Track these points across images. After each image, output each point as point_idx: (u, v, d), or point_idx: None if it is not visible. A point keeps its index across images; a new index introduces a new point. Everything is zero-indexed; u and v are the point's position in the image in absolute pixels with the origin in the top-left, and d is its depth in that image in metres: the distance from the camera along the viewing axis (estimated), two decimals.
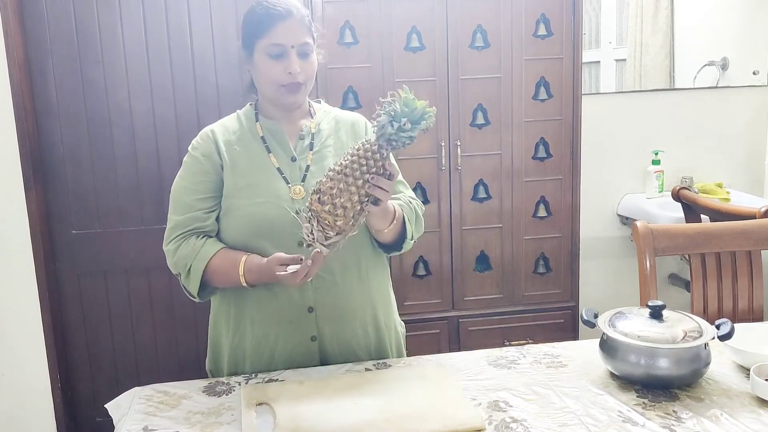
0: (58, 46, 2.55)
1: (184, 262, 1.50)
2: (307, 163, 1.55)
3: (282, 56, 1.48)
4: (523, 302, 2.75)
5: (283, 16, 1.48)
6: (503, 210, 2.69)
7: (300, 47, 1.49)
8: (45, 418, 2.68)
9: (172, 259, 1.54)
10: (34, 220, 2.55)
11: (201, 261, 1.48)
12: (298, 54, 1.49)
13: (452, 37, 2.55)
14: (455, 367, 1.48)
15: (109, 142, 2.64)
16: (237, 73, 2.68)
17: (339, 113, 1.66)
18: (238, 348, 1.56)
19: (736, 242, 1.87)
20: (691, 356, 1.33)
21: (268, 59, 1.49)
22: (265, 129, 1.57)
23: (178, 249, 1.52)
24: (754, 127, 3.27)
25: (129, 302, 2.75)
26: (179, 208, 1.55)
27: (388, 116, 1.27)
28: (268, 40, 1.48)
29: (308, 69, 1.52)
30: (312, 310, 1.53)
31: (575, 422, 1.24)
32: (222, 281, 1.50)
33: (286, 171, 1.54)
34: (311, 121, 1.60)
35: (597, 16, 3.27)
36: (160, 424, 1.29)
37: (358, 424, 1.23)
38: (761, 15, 3.25)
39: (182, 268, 1.51)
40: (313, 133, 1.58)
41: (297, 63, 1.49)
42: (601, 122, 3.10)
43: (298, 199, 1.50)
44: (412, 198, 1.63)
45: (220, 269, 1.48)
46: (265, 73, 1.51)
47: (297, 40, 1.49)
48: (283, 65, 1.48)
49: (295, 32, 1.49)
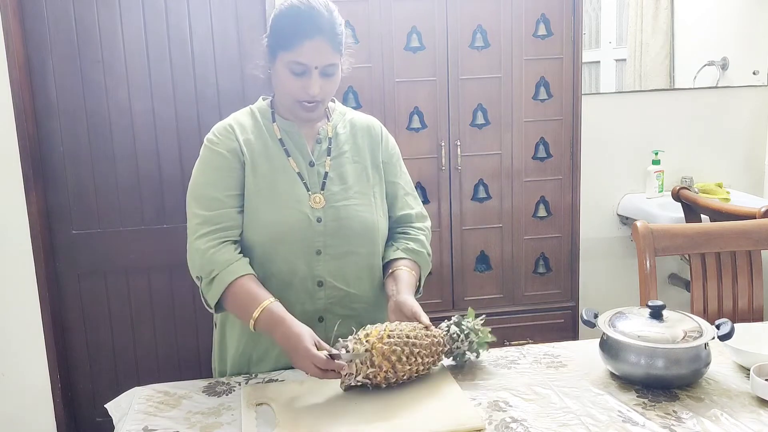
0: (58, 46, 2.55)
1: (212, 268, 1.42)
2: (325, 170, 1.53)
3: (304, 75, 1.42)
4: (523, 302, 2.75)
5: (311, 35, 1.40)
6: (503, 210, 2.69)
7: (324, 68, 1.43)
8: (45, 418, 2.68)
9: (201, 259, 1.44)
10: (34, 220, 2.55)
11: (230, 275, 1.41)
12: (321, 74, 1.43)
13: (452, 37, 2.55)
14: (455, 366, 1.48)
15: (109, 142, 2.64)
16: (237, 73, 2.68)
17: (354, 116, 1.63)
18: (244, 353, 1.55)
19: (736, 242, 1.87)
20: (691, 356, 1.33)
21: (288, 74, 1.43)
22: (283, 131, 1.53)
23: (211, 252, 1.43)
24: (754, 127, 3.27)
25: (129, 302, 2.75)
26: (207, 203, 1.47)
27: (463, 342, 1.45)
28: (291, 56, 1.41)
29: (329, 88, 1.47)
30: (322, 320, 1.53)
31: (575, 422, 1.24)
32: (234, 307, 1.44)
33: (306, 176, 1.51)
34: (328, 124, 1.57)
35: (597, 16, 3.27)
36: (160, 424, 1.29)
37: (358, 424, 1.23)
38: (761, 15, 3.25)
39: (207, 273, 1.43)
40: (330, 138, 1.56)
41: (318, 84, 1.43)
42: (601, 122, 3.09)
43: (318, 207, 1.49)
44: (428, 233, 1.63)
45: (238, 295, 1.41)
46: (284, 85, 1.46)
47: (322, 61, 1.42)
48: (304, 83, 1.43)
49: (322, 53, 1.42)
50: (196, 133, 2.64)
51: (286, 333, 1.35)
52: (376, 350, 1.29)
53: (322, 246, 1.49)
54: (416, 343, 1.34)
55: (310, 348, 1.30)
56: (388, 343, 1.31)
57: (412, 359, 1.33)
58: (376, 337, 1.31)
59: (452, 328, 1.45)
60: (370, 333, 1.32)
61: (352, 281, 1.53)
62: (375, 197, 1.56)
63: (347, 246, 1.51)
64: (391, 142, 1.65)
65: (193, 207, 1.49)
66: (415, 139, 2.59)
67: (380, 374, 1.30)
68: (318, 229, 1.49)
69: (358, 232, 1.52)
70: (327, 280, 1.50)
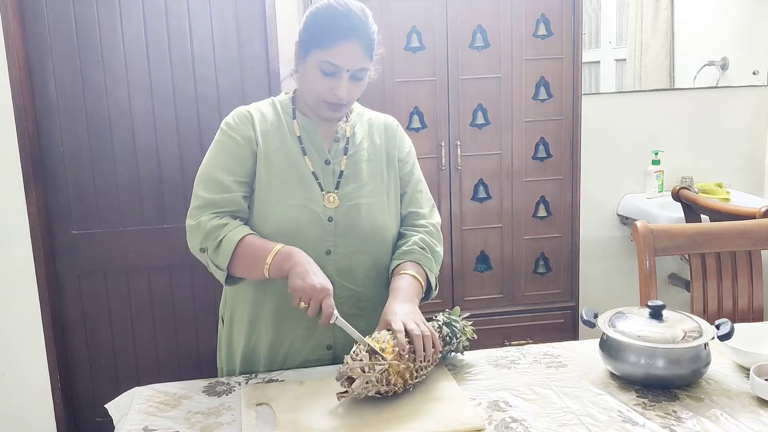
0: (58, 46, 2.55)
1: (217, 233, 1.41)
2: (341, 168, 1.52)
3: (334, 75, 1.42)
4: (523, 302, 2.75)
5: (347, 37, 1.40)
6: (503, 210, 2.69)
7: (355, 72, 1.43)
8: (45, 418, 2.68)
9: (203, 230, 1.42)
10: (34, 220, 2.55)
11: (237, 233, 1.41)
12: (351, 77, 1.43)
13: (452, 37, 2.55)
14: (455, 367, 1.48)
15: (109, 142, 2.64)
16: (237, 73, 2.68)
17: (371, 115, 1.63)
18: (252, 351, 1.55)
19: (736, 242, 1.87)
20: (691, 356, 1.33)
21: (319, 73, 1.42)
22: (302, 128, 1.53)
23: (213, 224, 1.42)
24: (754, 127, 3.27)
25: (129, 302, 2.75)
26: (214, 186, 1.46)
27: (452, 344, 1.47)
28: (324, 56, 1.40)
29: (356, 92, 1.47)
30: None
31: (575, 422, 1.24)
32: (245, 261, 1.42)
33: (320, 176, 1.51)
34: (347, 123, 1.57)
35: (597, 16, 3.27)
36: (160, 424, 1.29)
37: (358, 424, 1.23)
38: (761, 15, 3.25)
39: (213, 239, 1.41)
40: (348, 137, 1.55)
41: (346, 87, 1.43)
42: (601, 122, 3.10)
43: (331, 207, 1.49)
44: (432, 228, 1.60)
45: (249, 248, 1.40)
46: (312, 83, 1.45)
47: (354, 65, 1.42)
48: (332, 84, 1.42)
49: (354, 56, 1.41)
50: (196, 133, 2.64)
51: (302, 257, 1.37)
52: (393, 368, 1.28)
53: (332, 246, 1.49)
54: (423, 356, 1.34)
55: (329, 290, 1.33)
56: (404, 359, 1.29)
57: (421, 372, 1.34)
58: (391, 354, 1.28)
59: (444, 329, 1.46)
60: (385, 348, 1.29)
61: (361, 280, 1.53)
62: (389, 196, 1.56)
63: (357, 246, 1.51)
64: (407, 140, 1.66)
65: (198, 189, 1.48)
66: (415, 139, 2.56)
67: (392, 390, 1.29)
68: (328, 228, 1.49)
69: (368, 232, 1.51)
70: (336, 279, 1.49)
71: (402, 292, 1.45)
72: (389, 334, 1.33)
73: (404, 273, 1.49)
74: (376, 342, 1.30)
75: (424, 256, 1.55)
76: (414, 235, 1.58)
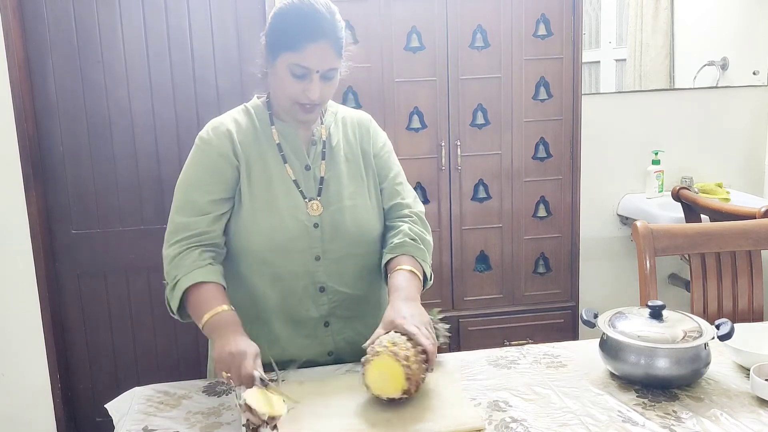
0: (58, 46, 2.55)
1: (175, 273, 1.41)
2: (321, 174, 1.51)
3: (304, 77, 1.39)
4: (523, 302, 2.75)
5: (316, 38, 1.37)
6: (503, 210, 2.69)
7: (325, 72, 1.41)
8: (45, 418, 2.68)
9: (168, 265, 1.44)
10: (34, 220, 2.55)
11: (189, 280, 1.38)
12: (322, 78, 1.40)
13: (452, 37, 2.55)
14: (455, 366, 1.48)
15: (109, 142, 2.64)
16: (237, 73, 2.68)
17: (344, 112, 1.62)
18: None
19: (736, 242, 1.87)
20: (691, 356, 1.33)
21: (289, 75, 1.40)
22: (281, 134, 1.51)
23: (177, 258, 1.42)
24: (754, 127, 3.27)
25: (129, 302, 2.75)
26: (186, 208, 1.46)
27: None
28: (293, 58, 1.38)
29: (328, 92, 1.45)
30: (328, 324, 1.52)
31: (575, 422, 1.24)
32: (192, 312, 1.40)
33: (302, 183, 1.49)
34: (322, 126, 1.55)
35: (597, 16, 3.27)
36: (160, 425, 1.29)
37: (358, 424, 1.23)
38: (761, 15, 3.25)
39: (171, 279, 1.42)
40: (324, 140, 1.54)
41: (318, 88, 1.40)
42: (601, 122, 3.10)
43: (315, 214, 1.48)
44: (417, 217, 1.57)
45: (193, 301, 1.38)
46: (283, 86, 1.43)
47: (324, 65, 1.39)
48: (304, 86, 1.40)
49: (325, 57, 1.39)
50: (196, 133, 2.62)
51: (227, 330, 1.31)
52: (414, 375, 1.26)
53: (320, 252, 1.49)
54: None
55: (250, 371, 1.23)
56: (422, 368, 1.28)
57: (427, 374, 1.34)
58: (415, 363, 1.26)
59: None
60: (409, 356, 1.26)
61: (353, 283, 1.52)
62: (371, 196, 1.55)
63: (345, 249, 1.50)
64: (381, 134, 1.63)
65: (172, 212, 1.48)
66: (415, 139, 2.59)
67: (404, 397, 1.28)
68: (315, 235, 1.48)
69: (355, 234, 1.51)
70: (328, 284, 1.50)
71: (404, 291, 1.43)
72: (409, 341, 1.30)
73: (401, 269, 1.48)
74: (399, 349, 1.27)
75: (416, 247, 1.53)
76: (401, 225, 1.55)
